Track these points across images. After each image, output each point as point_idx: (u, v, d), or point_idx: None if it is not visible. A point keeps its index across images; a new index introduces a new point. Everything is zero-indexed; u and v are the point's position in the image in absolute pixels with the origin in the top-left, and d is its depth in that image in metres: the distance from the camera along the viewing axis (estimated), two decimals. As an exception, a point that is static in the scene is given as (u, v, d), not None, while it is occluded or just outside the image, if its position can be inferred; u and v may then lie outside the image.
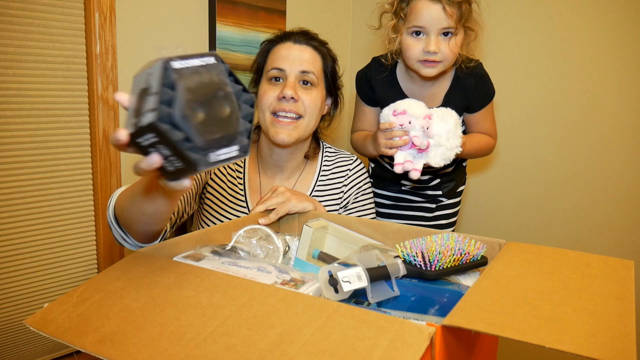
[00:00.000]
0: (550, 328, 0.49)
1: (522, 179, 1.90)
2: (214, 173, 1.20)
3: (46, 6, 1.30)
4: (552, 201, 1.84)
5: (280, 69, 1.15)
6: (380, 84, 1.30)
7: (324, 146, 1.30)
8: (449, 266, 0.73)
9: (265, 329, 0.51)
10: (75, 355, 1.47)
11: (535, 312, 0.53)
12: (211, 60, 0.58)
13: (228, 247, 0.81)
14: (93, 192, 1.46)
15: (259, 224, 0.94)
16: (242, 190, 1.20)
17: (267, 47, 1.21)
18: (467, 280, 0.76)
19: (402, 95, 1.29)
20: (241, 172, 1.22)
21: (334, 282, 0.63)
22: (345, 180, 1.25)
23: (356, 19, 2.28)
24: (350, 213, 1.24)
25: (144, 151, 0.55)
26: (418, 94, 1.28)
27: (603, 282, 0.62)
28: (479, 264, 0.76)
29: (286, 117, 1.14)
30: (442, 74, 1.25)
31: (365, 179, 1.28)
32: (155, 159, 0.55)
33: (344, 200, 1.24)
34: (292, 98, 1.12)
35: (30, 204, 1.34)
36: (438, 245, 0.74)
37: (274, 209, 0.99)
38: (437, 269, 0.72)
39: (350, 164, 1.27)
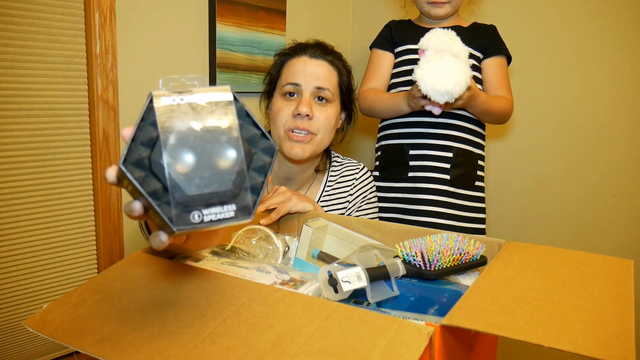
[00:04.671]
0: (550, 327, 0.49)
1: (521, 178, 1.90)
2: None
3: (46, 6, 1.30)
4: (552, 201, 1.84)
5: (296, 84, 1.13)
6: (399, 25, 1.54)
7: (333, 156, 1.29)
8: (448, 266, 0.73)
9: (264, 329, 0.51)
10: (75, 355, 1.47)
11: (535, 311, 0.53)
12: (220, 96, 0.47)
13: (227, 248, 0.81)
14: (93, 192, 1.46)
15: (259, 224, 0.94)
16: None
17: (282, 59, 1.19)
18: (466, 280, 0.76)
19: (418, 28, 1.48)
20: None
21: (333, 282, 0.63)
22: (352, 189, 1.24)
23: (356, 19, 2.28)
24: None
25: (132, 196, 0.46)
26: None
27: (602, 281, 0.62)
28: (478, 263, 0.76)
29: (300, 133, 1.12)
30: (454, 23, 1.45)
31: (371, 187, 1.28)
32: (135, 207, 0.45)
33: (349, 209, 1.24)
34: (307, 115, 1.11)
35: (30, 204, 1.34)
36: (437, 245, 0.74)
37: (274, 209, 0.99)
38: (436, 268, 0.72)
39: (357, 173, 1.26)
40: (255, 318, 0.53)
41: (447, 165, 1.39)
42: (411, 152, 1.42)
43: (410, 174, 1.41)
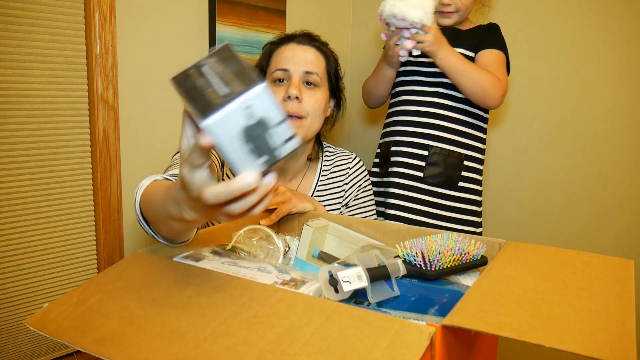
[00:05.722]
0: (550, 327, 0.49)
1: (521, 178, 1.90)
2: (226, 174, 1.20)
3: (46, 6, 1.30)
4: (552, 200, 1.84)
5: (285, 70, 1.15)
6: None
7: (324, 146, 1.31)
8: (448, 266, 0.73)
9: (265, 329, 0.51)
10: (75, 355, 1.47)
11: (535, 311, 0.53)
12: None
13: (228, 247, 0.81)
14: (93, 192, 1.46)
15: (259, 224, 0.94)
16: None
17: (270, 49, 1.21)
18: (467, 280, 0.76)
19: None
20: None
21: (334, 282, 0.63)
22: (346, 178, 1.26)
23: (356, 19, 2.28)
24: (351, 211, 1.26)
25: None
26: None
27: (603, 281, 0.62)
28: (478, 263, 0.76)
29: (290, 116, 1.13)
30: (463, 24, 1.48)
31: (365, 176, 1.30)
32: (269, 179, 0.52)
33: (345, 198, 1.25)
34: (297, 98, 1.12)
35: (30, 204, 1.34)
36: (438, 245, 0.74)
37: (274, 209, 0.99)
38: (437, 268, 0.72)
39: (350, 162, 1.29)
40: (256, 318, 0.53)
41: (423, 163, 1.41)
42: (392, 148, 1.45)
43: (390, 169, 1.45)
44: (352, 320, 0.51)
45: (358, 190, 1.27)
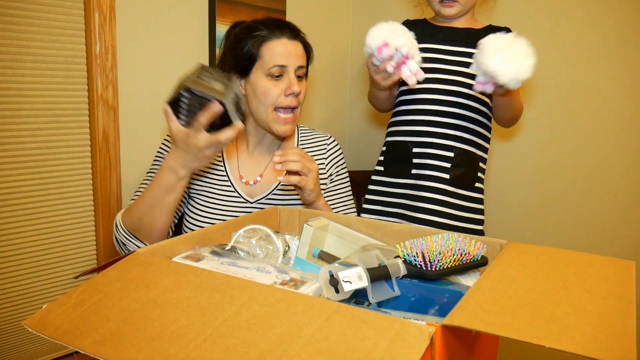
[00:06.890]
0: (551, 328, 0.49)
1: (523, 179, 1.90)
2: None
3: (46, 6, 1.30)
4: (553, 201, 1.84)
5: (283, 66, 1.19)
6: (413, 24, 1.49)
7: (298, 126, 1.39)
8: (449, 266, 0.73)
9: (265, 329, 0.51)
10: (74, 355, 1.47)
11: (536, 312, 0.53)
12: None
13: (227, 247, 0.81)
14: (93, 192, 1.46)
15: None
16: (220, 163, 1.28)
17: (260, 39, 1.21)
18: (467, 281, 0.76)
19: (432, 27, 1.46)
20: None
21: (334, 282, 0.63)
22: (325, 153, 1.35)
23: (356, 19, 2.28)
24: (334, 185, 1.34)
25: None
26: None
27: (604, 282, 0.61)
28: (479, 264, 0.76)
29: (287, 110, 1.22)
30: (467, 22, 1.46)
31: (340, 153, 1.40)
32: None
33: (327, 172, 1.34)
34: (297, 93, 1.21)
35: (30, 204, 1.33)
36: (438, 246, 0.74)
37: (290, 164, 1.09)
38: (437, 269, 0.71)
39: (327, 140, 1.38)
40: (256, 318, 0.53)
41: (448, 165, 1.40)
42: (415, 150, 1.42)
43: (414, 172, 1.42)
44: (353, 321, 0.51)
45: (338, 166, 1.37)
